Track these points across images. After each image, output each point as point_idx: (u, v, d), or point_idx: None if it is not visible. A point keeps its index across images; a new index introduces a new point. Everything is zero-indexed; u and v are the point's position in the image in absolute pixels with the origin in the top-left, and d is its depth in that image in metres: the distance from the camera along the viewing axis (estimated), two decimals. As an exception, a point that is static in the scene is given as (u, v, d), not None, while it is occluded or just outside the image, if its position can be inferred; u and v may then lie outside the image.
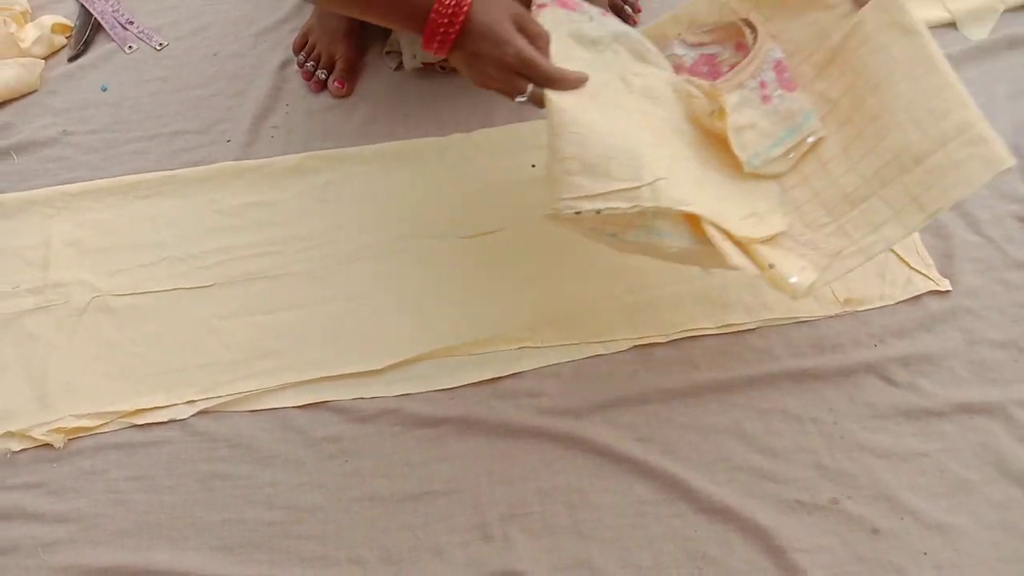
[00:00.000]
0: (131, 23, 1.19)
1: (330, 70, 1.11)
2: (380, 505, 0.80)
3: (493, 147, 1.05)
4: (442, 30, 0.73)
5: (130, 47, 1.17)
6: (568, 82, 0.73)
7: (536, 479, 0.81)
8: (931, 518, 0.79)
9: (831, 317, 0.91)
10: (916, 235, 0.96)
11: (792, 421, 0.84)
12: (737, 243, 0.69)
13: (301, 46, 1.14)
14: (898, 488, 0.80)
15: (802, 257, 0.70)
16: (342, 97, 1.11)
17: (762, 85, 0.78)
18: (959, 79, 0.70)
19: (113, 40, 1.18)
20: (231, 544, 0.78)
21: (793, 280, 0.68)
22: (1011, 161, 0.67)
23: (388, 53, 1.13)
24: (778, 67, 0.78)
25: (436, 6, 0.72)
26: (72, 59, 1.16)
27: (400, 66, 1.12)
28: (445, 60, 1.09)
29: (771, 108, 0.77)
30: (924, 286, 0.93)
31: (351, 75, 1.11)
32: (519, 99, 0.74)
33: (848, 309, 0.91)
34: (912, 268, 0.94)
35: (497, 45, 0.72)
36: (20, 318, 0.92)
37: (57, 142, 1.07)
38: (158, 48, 1.17)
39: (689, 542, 0.78)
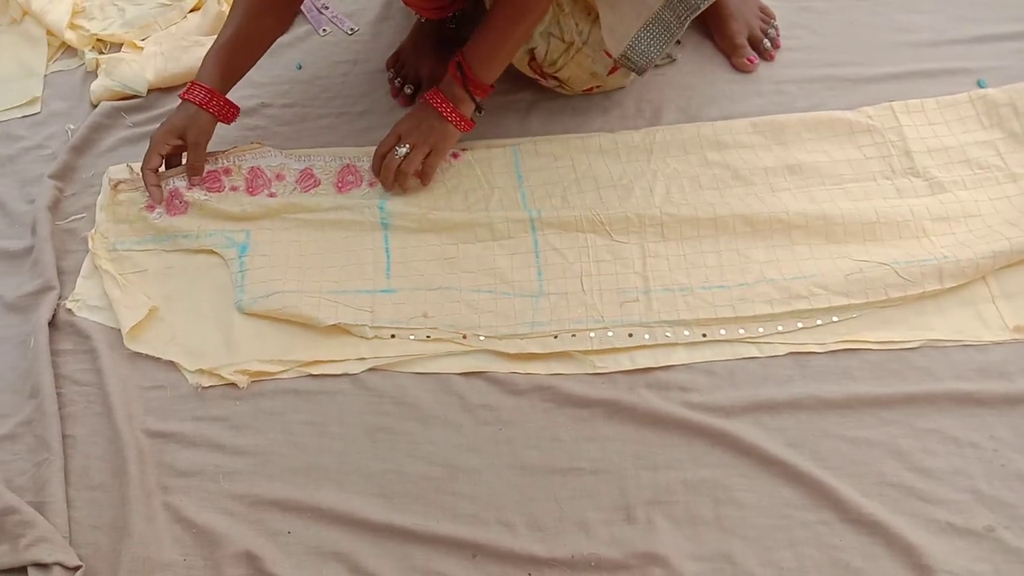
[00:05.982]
0: (326, 8, 1.28)
1: (417, 85, 1.15)
2: (530, 474, 0.84)
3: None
4: None
5: (324, 30, 1.25)
6: None
7: (682, 470, 0.83)
8: (1096, 560, 0.76)
9: (999, 343, 0.88)
10: (1097, 268, 0.92)
11: (950, 443, 0.83)
12: None
13: (393, 63, 1.18)
14: (1062, 525, 0.78)
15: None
16: None
17: None
18: None
19: (309, 22, 1.27)
20: (390, 493, 0.84)
21: None
22: None
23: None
24: None
25: None
26: (273, 37, 1.26)
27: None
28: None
29: None
30: (1102, 321, 0.89)
31: None
32: None
33: (1018, 337, 0.88)
34: (1090, 302, 0.90)
35: None
36: (213, 269, 1.01)
37: (256, 112, 1.17)
38: (349, 33, 1.25)
39: (833, 550, 0.78)
